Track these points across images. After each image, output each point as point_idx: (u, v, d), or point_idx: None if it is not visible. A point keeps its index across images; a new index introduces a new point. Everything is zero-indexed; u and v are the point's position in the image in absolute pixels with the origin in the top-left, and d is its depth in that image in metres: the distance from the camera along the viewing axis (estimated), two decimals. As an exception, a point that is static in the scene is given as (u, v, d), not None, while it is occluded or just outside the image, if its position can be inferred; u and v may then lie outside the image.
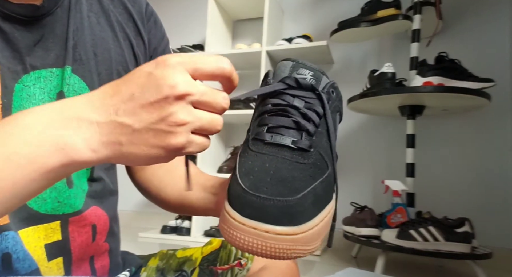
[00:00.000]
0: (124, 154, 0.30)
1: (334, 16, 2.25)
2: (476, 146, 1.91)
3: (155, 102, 0.29)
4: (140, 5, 0.57)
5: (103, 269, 0.53)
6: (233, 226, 0.29)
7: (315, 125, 0.36)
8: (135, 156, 0.30)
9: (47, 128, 0.29)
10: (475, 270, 1.39)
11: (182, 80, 0.29)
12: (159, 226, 2.26)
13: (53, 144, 0.29)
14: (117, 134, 0.30)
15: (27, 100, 0.43)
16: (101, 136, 0.30)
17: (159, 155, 0.30)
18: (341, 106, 0.40)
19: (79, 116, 0.30)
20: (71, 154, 0.29)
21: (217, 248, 0.63)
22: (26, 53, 0.43)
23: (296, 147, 0.34)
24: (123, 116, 0.30)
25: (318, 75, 0.38)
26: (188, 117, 0.30)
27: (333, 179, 0.36)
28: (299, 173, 0.32)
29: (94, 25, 0.50)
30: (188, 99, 0.30)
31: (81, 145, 0.29)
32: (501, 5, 1.95)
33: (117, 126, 0.30)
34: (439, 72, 1.59)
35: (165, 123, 0.29)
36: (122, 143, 0.30)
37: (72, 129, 0.30)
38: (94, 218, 0.50)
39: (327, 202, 0.33)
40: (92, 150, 0.30)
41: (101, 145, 0.30)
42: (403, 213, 1.58)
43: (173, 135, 0.30)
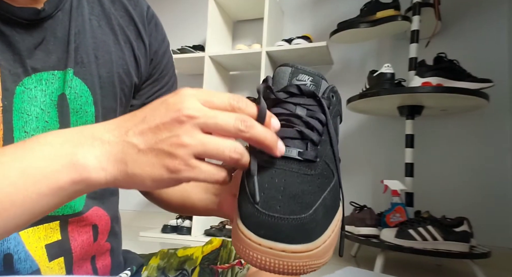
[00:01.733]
0: (130, 174, 0.30)
1: (333, 17, 2.25)
2: (475, 146, 1.92)
3: (162, 124, 0.30)
4: (141, 8, 0.57)
5: (104, 269, 0.53)
6: (250, 246, 0.29)
7: (319, 134, 0.35)
8: (139, 177, 0.30)
9: (64, 145, 0.31)
10: (473, 269, 1.40)
11: (189, 105, 0.30)
12: (160, 225, 2.26)
13: (67, 160, 0.30)
14: (124, 154, 0.31)
15: (28, 102, 0.43)
16: (110, 155, 0.31)
17: (162, 176, 0.30)
18: (341, 109, 0.40)
19: (94, 135, 0.31)
20: (81, 170, 0.30)
21: (218, 247, 0.63)
22: (27, 56, 0.43)
23: (302, 158, 0.34)
24: (132, 136, 0.31)
25: (317, 80, 0.38)
26: (190, 140, 0.30)
27: (338, 186, 0.36)
28: (308, 186, 0.32)
29: (95, 28, 0.51)
30: (194, 121, 0.30)
31: (92, 162, 0.30)
32: (499, 6, 1.95)
33: (125, 145, 0.31)
34: (438, 72, 1.59)
35: (167, 143, 0.30)
36: (127, 162, 0.30)
37: (86, 146, 0.31)
38: (96, 219, 0.50)
39: (336, 211, 0.34)
40: (102, 168, 0.31)
41: (109, 163, 0.31)
42: (402, 213, 1.58)
43: (172, 157, 0.30)
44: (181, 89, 0.32)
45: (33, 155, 0.30)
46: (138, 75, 0.56)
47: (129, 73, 0.54)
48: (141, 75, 0.57)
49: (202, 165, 0.31)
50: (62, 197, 0.31)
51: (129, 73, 0.54)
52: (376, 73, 1.73)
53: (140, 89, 0.58)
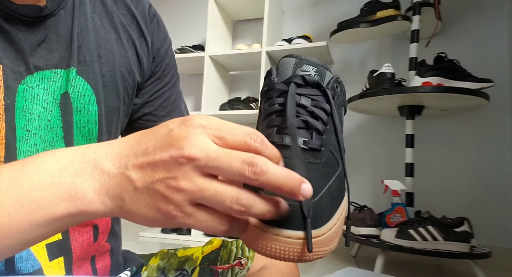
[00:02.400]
0: (126, 211, 0.29)
1: (333, 17, 2.25)
2: (475, 146, 1.92)
3: (161, 161, 0.27)
4: (143, 7, 0.57)
5: (104, 269, 0.53)
6: (255, 234, 0.29)
7: (323, 123, 0.35)
8: (135, 215, 0.29)
9: (63, 172, 0.29)
10: (474, 269, 1.40)
11: (193, 143, 0.27)
12: (159, 225, 2.26)
13: (65, 191, 0.29)
14: (121, 189, 0.29)
15: (30, 101, 0.43)
16: (109, 188, 0.29)
17: (157, 218, 0.28)
18: (345, 100, 0.41)
19: (95, 163, 0.30)
20: (78, 203, 0.29)
21: (218, 248, 0.63)
22: (29, 54, 0.43)
23: (307, 147, 0.34)
24: (131, 170, 0.28)
25: (322, 70, 0.38)
26: (187, 185, 0.27)
27: (343, 175, 0.36)
28: (313, 174, 0.32)
29: (98, 26, 0.50)
30: (194, 163, 0.26)
31: (90, 195, 0.29)
32: (500, 6, 1.95)
33: (123, 180, 0.29)
34: (438, 72, 1.59)
35: (164, 185, 0.27)
36: (124, 200, 0.29)
37: (85, 176, 0.29)
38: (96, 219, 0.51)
39: (341, 200, 0.34)
40: (100, 201, 0.29)
41: (107, 197, 0.29)
42: (402, 213, 1.58)
43: (167, 201, 0.27)
44: (192, 117, 0.28)
45: (29, 183, 0.29)
46: (141, 74, 0.56)
47: (132, 72, 0.54)
48: (144, 74, 0.57)
49: (199, 214, 0.28)
50: (57, 227, 0.30)
51: (132, 72, 0.54)
52: (376, 73, 1.72)
53: (143, 88, 0.58)
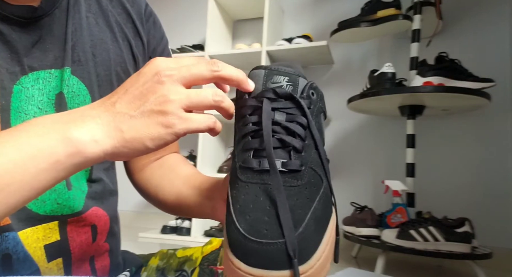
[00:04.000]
0: (128, 140, 0.32)
1: (334, 16, 2.25)
2: (476, 146, 1.91)
3: (145, 89, 0.33)
4: (139, 6, 0.57)
5: (103, 270, 0.53)
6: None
7: (301, 139, 0.33)
8: (138, 140, 0.32)
9: (55, 124, 0.32)
10: (475, 270, 1.39)
11: (164, 65, 0.33)
12: (159, 226, 2.26)
13: (60, 135, 0.31)
14: (116, 122, 0.32)
15: (25, 101, 0.43)
16: (103, 126, 0.32)
17: (159, 134, 0.32)
18: (323, 105, 0.38)
19: (84, 114, 0.33)
20: (76, 144, 0.31)
21: (217, 248, 0.63)
22: (24, 55, 0.43)
23: (287, 169, 0.32)
24: (120, 107, 0.33)
25: (294, 79, 0.35)
26: (175, 95, 0.32)
27: (329, 191, 0.34)
28: (295, 199, 0.30)
29: (92, 26, 0.50)
30: (173, 78, 0.33)
31: (86, 136, 0.31)
32: (501, 5, 1.95)
33: (116, 115, 0.32)
34: (439, 72, 1.59)
35: (155, 103, 0.32)
36: (122, 130, 0.32)
37: (78, 122, 0.32)
38: (95, 219, 0.50)
39: (328, 220, 0.32)
40: (96, 140, 0.31)
41: (104, 134, 0.32)
42: (403, 213, 1.58)
43: (163, 114, 0.32)
44: (151, 60, 0.35)
45: (27, 134, 0.31)
46: None
47: (127, 71, 0.54)
48: None
49: (192, 115, 0.33)
50: (60, 171, 0.31)
51: (127, 71, 0.54)
52: (377, 73, 1.72)
53: None
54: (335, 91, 2.24)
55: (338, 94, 2.21)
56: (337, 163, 2.19)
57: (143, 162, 0.59)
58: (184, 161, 0.60)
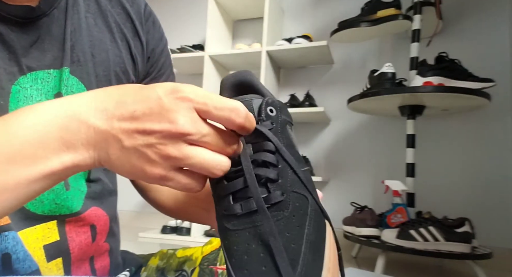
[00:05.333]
0: (111, 164, 0.30)
1: (334, 16, 2.25)
2: (476, 146, 1.91)
3: (152, 131, 0.29)
4: (139, 6, 0.57)
5: (103, 270, 0.53)
6: None
7: (274, 165, 0.32)
8: (119, 170, 0.31)
9: (50, 129, 0.30)
10: (475, 270, 1.39)
11: (184, 119, 0.28)
12: (159, 226, 2.25)
13: (56, 146, 0.29)
14: (107, 145, 0.30)
15: (24, 101, 0.42)
16: (95, 142, 0.30)
17: (138, 176, 0.30)
18: (287, 116, 0.36)
19: (80, 118, 0.30)
20: (71, 156, 0.30)
21: (217, 248, 0.62)
22: (22, 55, 0.43)
23: (269, 204, 0.30)
24: (118, 130, 0.29)
25: (248, 104, 0.33)
26: (176, 153, 0.29)
27: (317, 205, 0.32)
28: (286, 234, 0.29)
29: (91, 26, 0.50)
30: (185, 138, 0.29)
31: (80, 149, 0.30)
32: (501, 5, 1.95)
33: (110, 137, 0.29)
34: (439, 72, 1.59)
35: (151, 150, 0.29)
36: (110, 155, 0.30)
37: (72, 132, 0.30)
38: (94, 219, 0.50)
39: (324, 238, 0.31)
40: (89, 154, 0.30)
41: (94, 150, 0.30)
42: (403, 213, 1.58)
43: (153, 164, 0.29)
44: (180, 88, 0.29)
45: (18, 141, 0.29)
46: (135, 74, 0.56)
47: (126, 72, 0.54)
48: (138, 74, 0.57)
49: (180, 177, 0.30)
50: (54, 180, 0.31)
51: (126, 71, 0.54)
52: (377, 73, 1.72)
53: None
54: (335, 91, 2.24)
55: (338, 94, 2.21)
56: (337, 163, 2.19)
57: None
58: None
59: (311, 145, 2.26)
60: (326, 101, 2.23)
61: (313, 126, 2.27)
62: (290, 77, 2.39)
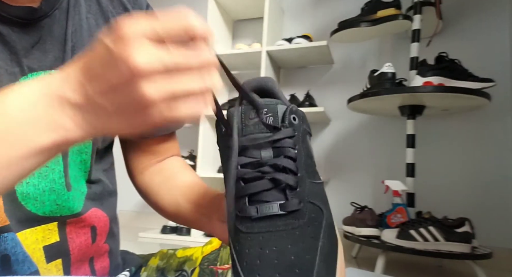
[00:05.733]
0: (107, 127, 0.30)
1: (334, 16, 2.24)
2: (476, 146, 1.91)
3: (119, 84, 0.27)
4: (140, 6, 0.57)
5: (103, 270, 0.53)
6: None
7: (294, 173, 0.32)
8: (118, 129, 0.30)
9: (35, 107, 0.29)
10: (475, 270, 1.39)
11: (143, 58, 0.25)
12: (159, 226, 2.25)
13: (44, 124, 0.29)
14: (96, 115, 0.29)
15: None
16: (83, 116, 0.29)
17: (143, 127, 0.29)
18: (307, 126, 0.36)
19: (60, 95, 0.29)
20: (62, 132, 0.29)
21: (218, 248, 0.62)
22: (24, 55, 0.43)
23: (286, 211, 0.30)
24: (97, 98, 0.28)
25: (272, 108, 0.33)
26: (157, 94, 0.26)
27: (331, 217, 0.32)
28: (301, 244, 0.29)
29: (92, 26, 0.50)
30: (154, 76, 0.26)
31: (69, 124, 0.29)
32: (501, 5, 1.95)
33: (95, 107, 0.28)
34: (439, 72, 1.59)
35: (134, 106, 0.27)
36: (103, 121, 0.29)
37: (57, 108, 0.29)
38: (94, 220, 0.50)
39: (336, 249, 0.31)
40: (80, 127, 0.29)
41: (84, 123, 0.29)
42: (403, 213, 1.58)
43: (146, 116, 0.27)
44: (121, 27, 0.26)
45: (6, 120, 0.29)
46: None
47: None
48: None
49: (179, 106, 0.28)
50: (46, 157, 0.31)
51: None
52: (377, 73, 1.72)
53: None
54: (335, 91, 2.23)
55: (338, 94, 2.21)
56: (337, 163, 2.19)
57: (143, 165, 0.58)
58: (184, 166, 0.60)
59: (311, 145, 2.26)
60: (326, 101, 2.23)
61: (313, 126, 2.27)
62: (290, 77, 2.39)
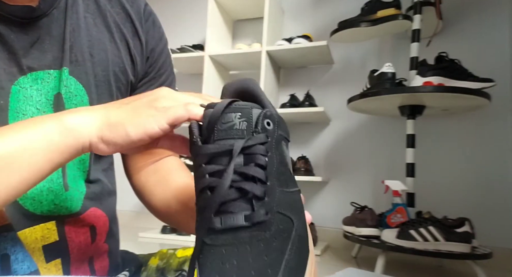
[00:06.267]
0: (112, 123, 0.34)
1: (334, 16, 2.25)
2: (476, 146, 1.91)
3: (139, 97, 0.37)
4: (139, 5, 0.57)
5: (102, 270, 0.53)
6: None
7: (262, 182, 0.30)
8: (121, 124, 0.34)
9: (52, 115, 0.34)
10: (475, 270, 1.39)
11: None
12: (159, 226, 2.25)
13: (54, 120, 0.33)
14: (106, 110, 0.35)
15: (23, 102, 0.43)
16: (94, 113, 0.35)
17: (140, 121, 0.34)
18: (284, 131, 0.34)
19: (80, 108, 0.36)
20: (67, 125, 0.33)
21: (217, 248, 0.62)
22: (22, 55, 0.43)
23: (251, 223, 0.29)
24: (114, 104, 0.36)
25: (246, 113, 0.32)
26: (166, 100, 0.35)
27: (303, 228, 0.31)
28: (264, 258, 0.27)
29: (90, 26, 0.50)
30: None
31: (77, 119, 0.34)
32: (501, 5, 1.95)
33: (107, 106, 0.36)
34: (439, 72, 1.59)
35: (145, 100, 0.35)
36: (109, 115, 0.34)
37: (72, 111, 0.34)
38: (94, 219, 0.50)
39: (305, 264, 0.29)
40: (85, 122, 0.34)
41: (93, 118, 0.34)
42: (403, 213, 1.58)
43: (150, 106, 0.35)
44: None
45: (23, 123, 0.33)
46: (134, 74, 0.56)
47: (125, 71, 0.53)
48: (138, 74, 0.56)
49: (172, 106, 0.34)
50: (54, 151, 0.33)
51: (125, 71, 0.53)
52: (377, 73, 1.72)
53: (137, 88, 0.57)
54: (335, 91, 2.24)
55: (338, 94, 2.21)
56: (337, 163, 2.19)
57: (140, 164, 0.58)
58: (179, 166, 0.59)
59: (311, 145, 2.26)
60: (326, 101, 2.23)
61: (313, 126, 2.27)
62: (290, 77, 2.39)
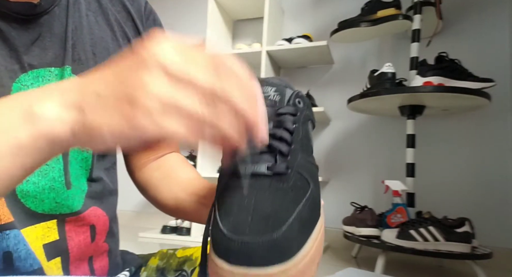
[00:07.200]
0: (87, 126, 0.26)
1: (334, 16, 2.25)
2: (476, 146, 1.91)
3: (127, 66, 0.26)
4: (139, 4, 0.57)
5: (102, 270, 0.52)
6: None
7: (287, 143, 0.34)
8: (97, 129, 0.25)
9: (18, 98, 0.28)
10: (475, 270, 1.39)
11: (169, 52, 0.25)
12: (159, 226, 2.25)
13: (22, 112, 0.26)
14: (83, 101, 0.26)
15: None
16: (68, 98, 0.27)
17: (120, 126, 0.25)
18: (311, 114, 0.39)
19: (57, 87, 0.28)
20: (39, 123, 0.26)
21: (217, 248, 0.62)
22: (23, 52, 0.43)
23: (272, 172, 0.32)
24: (92, 83, 0.26)
25: (281, 89, 0.37)
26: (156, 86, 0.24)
27: (318, 194, 0.34)
28: (280, 201, 0.30)
29: (92, 24, 0.50)
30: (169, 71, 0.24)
31: (48, 114, 0.26)
32: (501, 5, 1.95)
33: (84, 93, 0.26)
34: (439, 72, 1.59)
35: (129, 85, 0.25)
36: (84, 110, 0.26)
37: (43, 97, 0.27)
38: (94, 218, 0.50)
39: (315, 222, 0.32)
40: (61, 119, 0.26)
41: (66, 109, 0.26)
42: (403, 213, 1.58)
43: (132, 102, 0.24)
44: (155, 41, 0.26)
45: None
46: None
47: None
48: None
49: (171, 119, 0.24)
50: (23, 156, 0.27)
51: None
52: (377, 73, 1.72)
53: None
54: (335, 91, 2.24)
55: (338, 94, 2.21)
56: (337, 162, 2.19)
57: (142, 161, 0.58)
58: (183, 162, 0.60)
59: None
60: (326, 101, 2.23)
61: (313, 126, 2.27)
62: (290, 77, 2.39)
